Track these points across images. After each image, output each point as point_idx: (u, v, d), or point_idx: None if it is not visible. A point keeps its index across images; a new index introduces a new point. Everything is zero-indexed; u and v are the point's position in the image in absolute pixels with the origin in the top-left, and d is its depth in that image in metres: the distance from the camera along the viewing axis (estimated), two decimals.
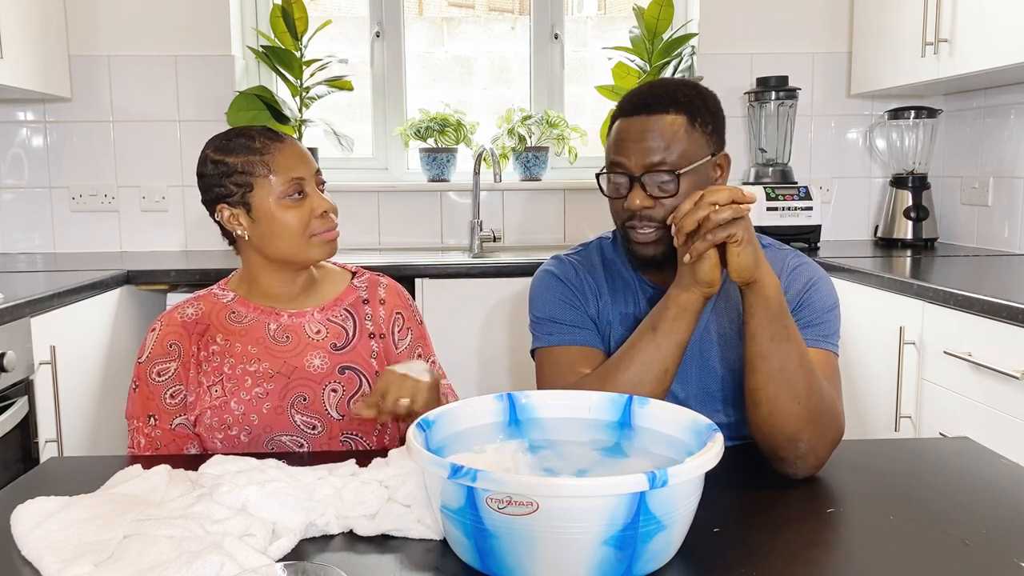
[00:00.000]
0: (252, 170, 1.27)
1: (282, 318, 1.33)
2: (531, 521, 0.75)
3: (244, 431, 1.27)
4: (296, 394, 1.28)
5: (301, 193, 1.29)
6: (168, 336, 1.31)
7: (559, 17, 3.11)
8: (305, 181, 1.30)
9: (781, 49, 2.98)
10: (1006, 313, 1.65)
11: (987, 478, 1.07)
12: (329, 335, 1.33)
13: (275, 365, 1.29)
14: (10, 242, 2.95)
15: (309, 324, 1.33)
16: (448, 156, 3.00)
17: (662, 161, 1.18)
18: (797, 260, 1.28)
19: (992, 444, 1.24)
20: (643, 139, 1.19)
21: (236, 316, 1.33)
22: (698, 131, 1.20)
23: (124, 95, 2.91)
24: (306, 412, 1.28)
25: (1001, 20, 2.15)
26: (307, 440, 1.29)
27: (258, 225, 1.29)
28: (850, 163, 3.06)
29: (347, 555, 0.87)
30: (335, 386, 1.30)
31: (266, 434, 1.27)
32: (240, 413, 1.27)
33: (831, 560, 0.86)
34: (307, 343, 1.32)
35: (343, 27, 3.15)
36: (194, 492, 0.95)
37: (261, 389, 1.28)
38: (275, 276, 1.34)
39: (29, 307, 1.90)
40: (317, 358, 1.31)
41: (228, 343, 1.30)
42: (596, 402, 1.02)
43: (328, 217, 1.31)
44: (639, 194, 1.19)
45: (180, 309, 1.34)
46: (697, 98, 1.22)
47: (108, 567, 0.79)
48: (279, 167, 1.28)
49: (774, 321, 1.08)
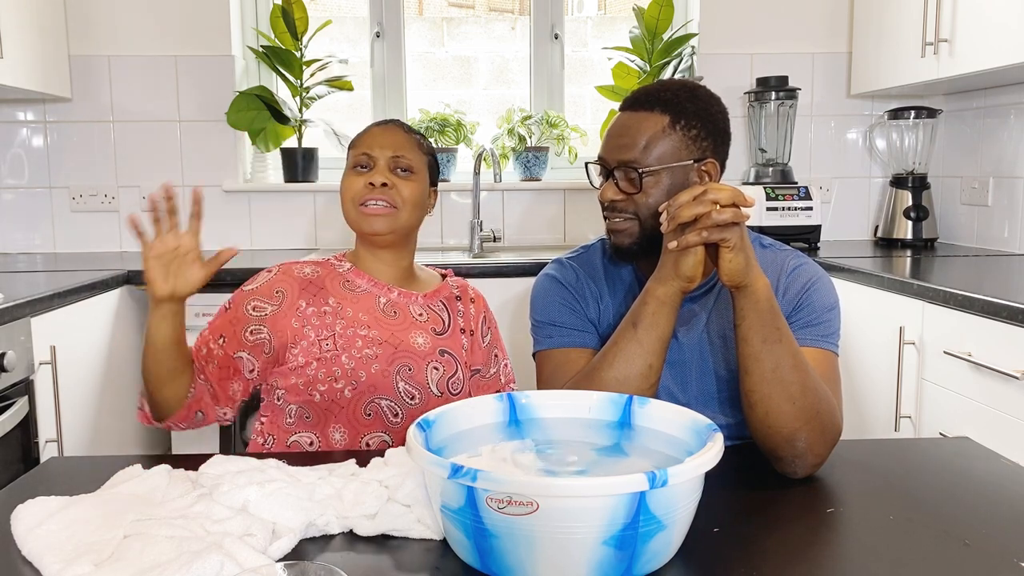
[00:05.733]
0: (351, 146, 1.41)
1: (392, 294, 1.39)
2: (531, 521, 0.75)
3: (350, 386, 1.31)
4: (402, 363, 1.34)
5: (366, 167, 1.36)
6: (280, 283, 1.36)
7: (559, 17, 3.11)
8: (374, 158, 1.36)
9: (781, 49, 2.98)
10: (1006, 313, 1.65)
11: (987, 478, 1.07)
12: (430, 320, 1.40)
13: (383, 334, 1.34)
14: (10, 242, 2.95)
15: (413, 306, 1.40)
16: (448, 156, 3.00)
17: (633, 158, 1.20)
18: (797, 260, 1.28)
19: (992, 444, 1.24)
20: (621, 134, 1.22)
21: (350, 284, 1.39)
22: (679, 133, 1.20)
23: (124, 95, 2.91)
24: (409, 381, 1.34)
25: (1001, 20, 2.15)
26: (404, 409, 1.34)
27: None
28: (850, 163, 3.06)
29: (347, 555, 0.87)
30: (436, 364, 1.36)
31: (369, 393, 1.32)
32: (350, 368, 1.31)
33: (831, 560, 0.86)
34: (412, 322, 1.38)
35: (343, 27, 3.15)
36: (194, 492, 0.95)
37: (371, 351, 1.33)
38: (370, 254, 1.41)
39: (29, 307, 1.90)
40: (420, 337, 1.37)
41: (340, 306, 1.35)
42: (596, 402, 1.02)
43: (380, 190, 1.34)
44: (610, 186, 1.24)
45: (299, 267, 1.39)
46: (689, 101, 1.22)
47: (108, 567, 0.79)
48: (359, 142, 1.39)
49: (765, 323, 1.08)
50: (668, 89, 1.23)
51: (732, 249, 1.05)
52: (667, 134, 1.20)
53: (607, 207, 1.25)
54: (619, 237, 1.25)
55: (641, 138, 1.20)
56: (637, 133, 1.21)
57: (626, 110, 1.25)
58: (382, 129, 1.40)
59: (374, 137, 1.38)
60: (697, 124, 1.21)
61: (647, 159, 1.20)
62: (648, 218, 1.21)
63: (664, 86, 1.25)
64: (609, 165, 1.24)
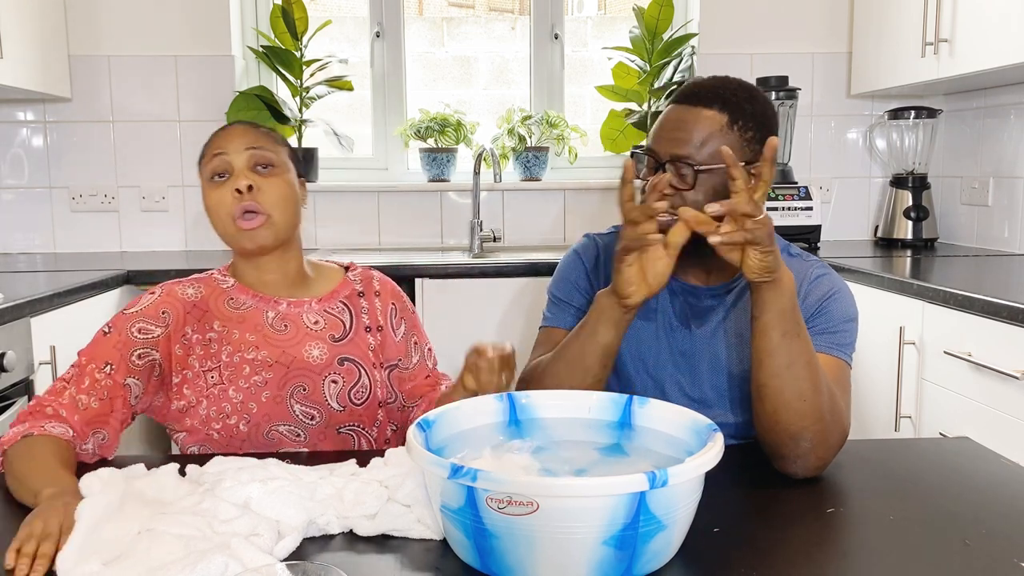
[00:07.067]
0: (200, 159, 1.29)
1: (280, 306, 1.31)
2: (531, 521, 0.75)
3: (243, 419, 1.24)
4: (295, 384, 1.26)
5: (223, 174, 1.26)
6: (165, 304, 1.27)
7: (559, 17, 3.11)
8: (229, 160, 1.26)
9: (781, 49, 2.98)
10: (1006, 313, 1.65)
11: (987, 478, 1.07)
12: (327, 326, 1.31)
13: (274, 354, 1.26)
14: (10, 242, 2.95)
15: (307, 315, 1.31)
16: (448, 156, 3.00)
17: (688, 154, 1.17)
18: (821, 270, 1.27)
19: (992, 444, 1.24)
20: (678, 128, 1.19)
21: (235, 303, 1.30)
22: (736, 134, 1.18)
23: (124, 95, 2.91)
24: (305, 402, 1.26)
25: (1001, 20, 2.15)
26: (305, 431, 1.26)
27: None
28: (850, 163, 3.06)
29: (347, 555, 0.87)
30: (335, 377, 1.28)
31: (265, 423, 1.25)
32: (239, 401, 1.24)
33: (831, 560, 0.86)
34: (306, 333, 1.29)
35: (343, 27, 3.15)
36: (200, 489, 0.95)
37: (260, 378, 1.25)
38: (251, 266, 1.32)
39: (29, 307, 1.90)
40: (316, 348, 1.29)
41: (226, 330, 1.27)
42: (596, 402, 1.03)
43: (248, 196, 1.24)
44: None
45: (182, 286, 1.30)
46: (747, 102, 1.20)
47: (116, 565, 0.80)
48: (208, 149, 1.28)
49: (786, 318, 1.08)
50: (728, 87, 1.21)
51: (763, 251, 1.04)
52: (724, 133, 1.18)
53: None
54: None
55: (698, 134, 1.17)
56: (694, 129, 1.18)
57: (682, 103, 1.21)
58: (227, 130, 1.29)
59: (222, 139, 1.28)
60: (753, 126, 1.19)
61: (702, 156, 1.17)
62: None
63: (724, 84, 1.22)
64: (661, 158, 1.20)
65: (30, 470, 1.04)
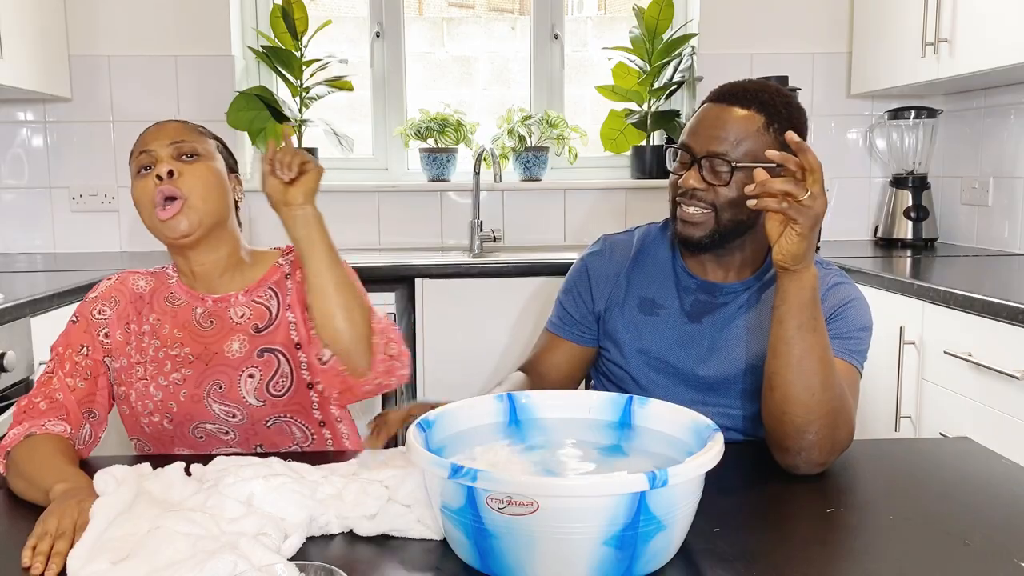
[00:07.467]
0: (130, 157, 1.29)
1: (207, 303, 1.31)
2: (531, 521, 0.75)
3: (166, 418, 1.26)
4: (212, 382, 1.26)
5: (149, 167, 1.26)
6: (116, 291, 1.32)
7: (559, 17, 3.11)
8: (153, 153, 1.26)
9: (781, 49, 2.98)
10: (1006, 313, 1.65)
11: (987, 478, 1.07)
12: (252, 316, 1.30)
13: (195, 350, 1.27)
14: (10, 242, 2.95)
15: (234, 308, 1.30)
16: (448, 156, 3.00)
17: (724, 151, 1.21)
18: (840, 279, 1.29)
19: (992, 444, 1.24)
20: (715, 126, 1.23)
21: (172, 298, 1.32)
22: (771, 135, 1.22)
23: (124, 95, 2.91)
24: (223, 401, 1.26)
25: (1001, 20, 2.15)
26: (233, 428, 1.27)
27: None
28: (850, 163, 3.06)
29: (347, 555, 0.87)
30: (252, 371, 1.27)
31: (188, 422, 1.26)
32: (159, 400, 1.26)
33: (831, 560, 0.86)
34: (230, 327, 1.29)
35: (343, 27, 3.15)
36: (204, 486, 0.95)
37: (179, 375, 1.26)
38: (181, 259, 1.31)
39: (29, 307, 1.90)
40: (236, 342, 1.28)
41: (159, 323, 1.29)
42: (596, 402, 1.03)
43: (168, 182, 1.23)
44: (694, 175, 1.24)
45: (135, 277, 1.34)
46: (783, 106, 1.24)
47: (125, 564, 0.80)
48: (136, 146, 1.29)
49: (804, 310, 1.08)
50: (766, 90, 1.25)
51: (800, 234, 1.04)
52: (760, 134, 1.22)
53: (684, 195, 1.25)
54: (691, 229, 1.25)
55: (735, 133, 1.22)
56: (732, 127, 1.22)
57: (719, 102, 1.26)
58: (156, 127, 1.30)
59: (149, 134, 1.28)
60: (788, 129, 1.20)
61: (737, 154, 1.21)
62: (725, 211, 1.23)
63: (762, 87, 1.26)
64: (697, 154, 1.24)
65: (37, 469, 1.06)
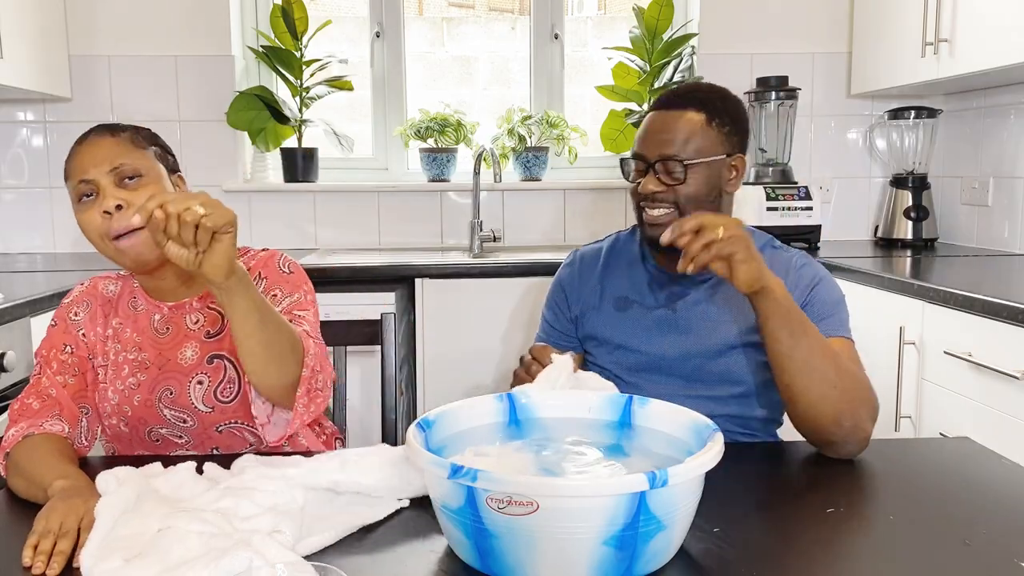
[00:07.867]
0: (64, 176, 1.26)
1: (163, 310, 1.31)
2: (531, 521, 0.75)
3: (122, 421, 1.28)
4: (163, 387, 1.27)
5: (90, 195, 1.22)
6: (88, 295, 1.35)
7: (559, 17, 3.11)
8: (92, 182, 1.21)
9: (781, 49, 2.98)
10: (1006, 313, 1.65)
11: (987, 478, 1.07)
12: (205, 323, 1.30)
13: (152, 356, 1.29)
14: (10, 242, 2.95)
15: (189, 315, 1.31)
16: (448, 156, 3.00)
17: (674, 152, 1.31)
18: (802, 260, 1.37)
19: (992, 444, 1.24)
20: (662, 131, 1.33)
21: (135, 303, 1.34)
22: (714, 130, 1.32)
23: (124, 95, 2.90)
24: (173, 406, 1.27)
25: (1001, 20, 2.15)
26: (185, 433, 1.28)
27: None
28: (850, 163, 3.06)
29: (347, 555, 0.87)
30: (201, 378, 1.27)
31: (143, 426, 1.28)
32: (115, 403, 1.28)
33: (831, 560, 0.86)
34: (184, 334, 1.30)
35: (343, 27, 3.15)
36: (220, 485, 0.96)
37: (134, 380, 1.28)
38: (142, 273, 1.30)
39: (29, 307, 1.90)
40: (190, 349, 1.28)
41: (121, 327, 1.31)
42: (596, 402, 1.03)
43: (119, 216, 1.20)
44: (652, 180, 1.33)
45: (105, 281, 1.37)
46: (720, 101, 1.35)
47: (138, 562, 0.80)
48: (69, 171, 1.24)
49: (790, 320, 1.14)
50: (701, 90, 1.36)
51: (743, 260, 1.10)
52: (704, 130, 1.32)
53: (647, 199, 1.33)
54: (659, 229, 1.29)
55: (681, 134, 1.31)
56: (677, 129, 1.31)
57: (661, 109, 1.35)
58: (87, 145, 1.24)
59: (82, 158, 1.23)
60: (728, 122, 1.34)
61: (687, 152, 1.31)
62: (687, 207, 1.31)
63: (697, 88, 1.37)
64: (649, 159, 1.33)
65: (37, 468, 1.07)
